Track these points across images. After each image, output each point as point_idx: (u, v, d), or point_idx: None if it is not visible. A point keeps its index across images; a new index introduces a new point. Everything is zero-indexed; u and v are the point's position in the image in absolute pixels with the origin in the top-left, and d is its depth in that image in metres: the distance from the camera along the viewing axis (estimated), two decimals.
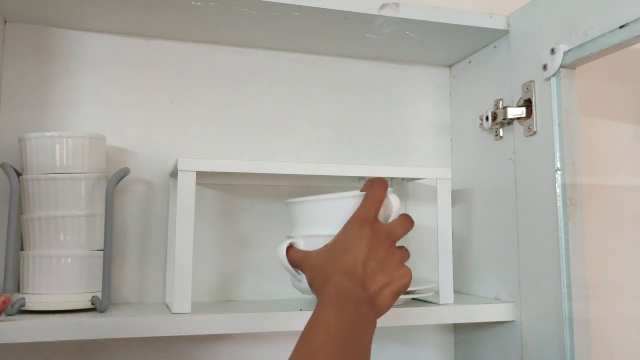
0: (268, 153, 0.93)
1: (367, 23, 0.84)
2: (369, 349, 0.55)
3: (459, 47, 0.95)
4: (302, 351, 0.51)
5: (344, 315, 0.54)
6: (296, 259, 0.66)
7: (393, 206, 0.67)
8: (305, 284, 0.66)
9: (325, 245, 0.63)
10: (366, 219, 0.62)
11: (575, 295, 0.73)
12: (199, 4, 0.78)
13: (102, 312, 0.72)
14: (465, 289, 0.96)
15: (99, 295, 0.73)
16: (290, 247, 0.67)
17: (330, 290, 0.57)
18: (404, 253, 0.64)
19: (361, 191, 0.65)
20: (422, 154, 1.01)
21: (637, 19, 0.64)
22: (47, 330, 0.67)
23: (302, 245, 0.69)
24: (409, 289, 0.80)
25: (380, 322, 0.77)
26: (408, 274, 0.62)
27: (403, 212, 0.72)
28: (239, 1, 0.77)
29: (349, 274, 0.58)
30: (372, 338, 0.56)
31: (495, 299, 0.88)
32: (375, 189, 0.64)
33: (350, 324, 0.54)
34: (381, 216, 0.66)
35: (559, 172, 0.75)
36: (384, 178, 0.66)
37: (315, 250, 0.64)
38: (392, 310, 0.77)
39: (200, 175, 0.76)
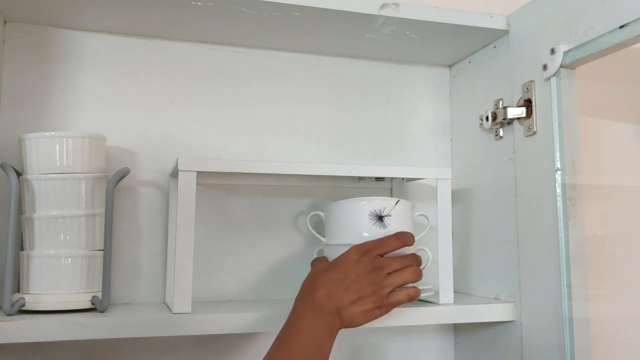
0: (268, 153, 0.93)
1: (367, 23, 0.84)
2: (329, 351, 0.67)
3: (459, 47, 0.95)
4: (278, 354, 0.64)
5: (316, 327, 0.66)
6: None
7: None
8: None
9: (329, 262, 0.76)
10: (365, 250, 0.73)
11: (575, 295, 0.73)
12: (199, 4, 0.78)
13: (102, 312, 0.72)
14: (465, 289, 0.96)
15: (99, 295, 0.73)
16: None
17: (310, 301, 0.68)
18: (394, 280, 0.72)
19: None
20: (422, 154, 1.01)
21: (637, 19, 0.64)
22: (47, 330, 0.67)
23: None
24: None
25: (381, 322, 0.77)
26: (382, 299, 0.71)
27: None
28: (239, 1, 0.77)
29: (330, 292, 0.69)
30: (332, 343, 0.68)
31: (495, 299, 0.88)
32: (393, 238, 0.75)
33: (320, 334, 0.66)
34: None
35: (559, 172, 0.75)
36: (411, 236, 0.76)
37: (321, 264, 0.77)
38: (392, 310, 0.78)
39: (200, 175, 0.76)
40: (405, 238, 0.75)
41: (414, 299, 0.74)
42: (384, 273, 0.72)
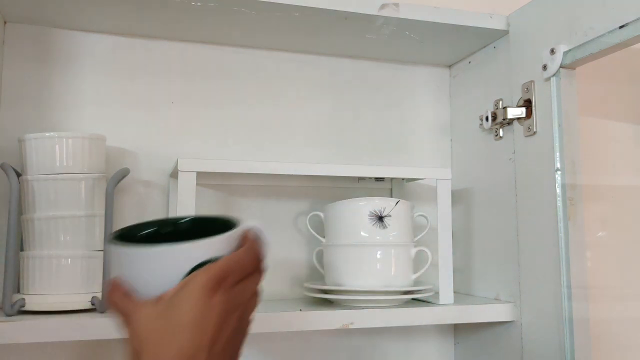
0: (268, 153, 0.93)
1: (367, 23, 0.84)
2: None
3: (458, 47, 0.95)
4: None
5: None
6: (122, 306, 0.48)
7: None
8: None
9: (163, 301, 0.46)
10: (221, 281, 0.46)
11: (575, 295, 0.73)
12: (199, 4, 0.78)
13: (102, 312, 0.72)
14: (465, 289, 0.96)
15: (99, 295, 0.73)
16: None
17: None
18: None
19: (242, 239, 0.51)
20: (422, 154, 1.01)
21: (637, 19, 0.64)
22: (47, 330, 0.67)
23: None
24: (408, 289, 0.81)
25: (381, 322, 0.77)
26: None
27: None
28: (239, 1, 0.77)
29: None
30: None
31: (495, 299, 0.88)
32: (252, 249, 0.51)
33: None
34: None
35: (559, 172, 0.75)
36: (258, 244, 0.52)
37: (148, 302, 0.46)
38: (392, 310, 0.78)
39: (200, 175, 0.76)
40: (258, 248, 0.52)
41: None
42: (245, 307, 0.50)
